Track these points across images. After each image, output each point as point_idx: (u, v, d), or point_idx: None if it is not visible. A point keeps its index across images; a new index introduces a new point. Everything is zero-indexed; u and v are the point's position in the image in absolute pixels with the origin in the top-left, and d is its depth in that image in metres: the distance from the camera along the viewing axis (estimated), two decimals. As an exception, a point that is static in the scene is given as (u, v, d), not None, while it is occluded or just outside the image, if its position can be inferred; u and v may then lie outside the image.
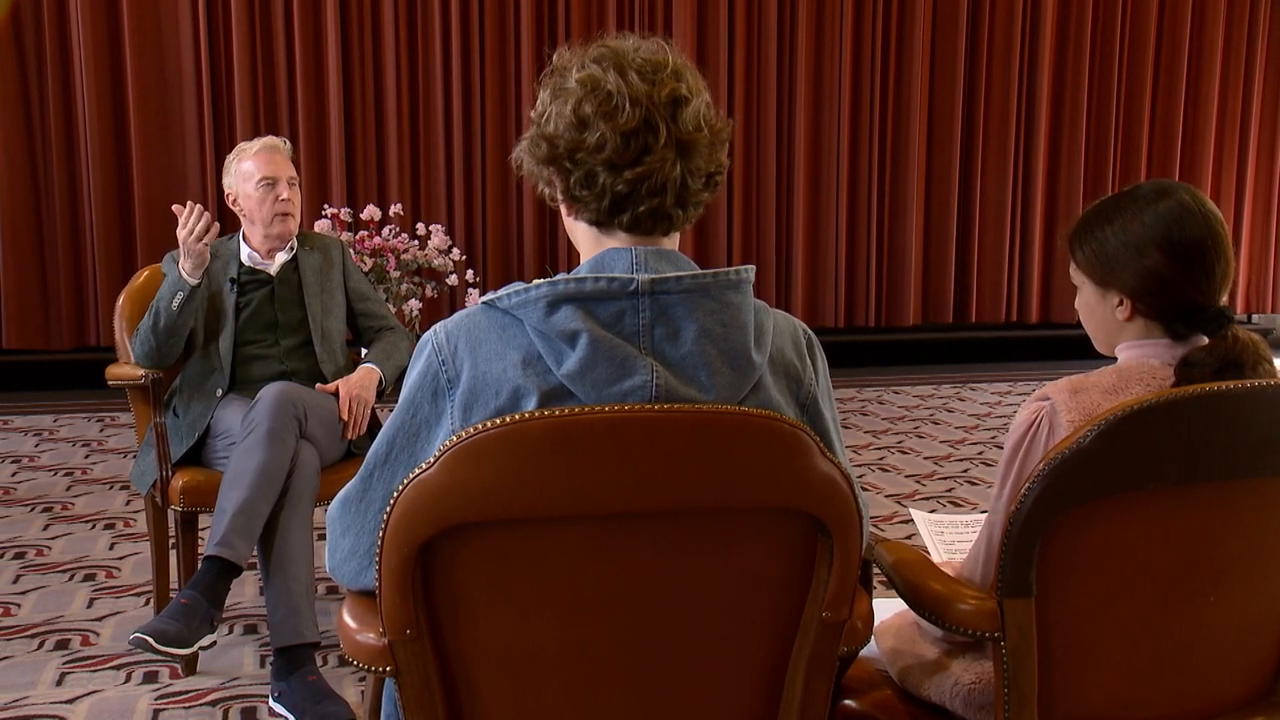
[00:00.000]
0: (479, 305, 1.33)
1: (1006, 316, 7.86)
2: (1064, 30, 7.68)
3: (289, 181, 3.07)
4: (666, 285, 1.29)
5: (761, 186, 7.35)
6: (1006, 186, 7.69)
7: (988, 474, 4.74)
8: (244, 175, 3.06)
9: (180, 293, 2.87)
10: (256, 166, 3.05)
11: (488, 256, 6.95)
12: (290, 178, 3.08)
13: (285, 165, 3.08)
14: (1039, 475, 1.40)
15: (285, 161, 3.09)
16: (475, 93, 6.83)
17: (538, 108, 1.37)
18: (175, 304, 2.87)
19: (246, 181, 3.06)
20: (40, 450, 5.06)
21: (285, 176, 3.06)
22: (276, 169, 3.05)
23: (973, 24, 7.54)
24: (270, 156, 3.06)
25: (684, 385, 1.28)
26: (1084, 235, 1.62)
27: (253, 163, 3.05)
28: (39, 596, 3.29)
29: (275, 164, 3.06)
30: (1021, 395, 6.51)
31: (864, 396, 6.45)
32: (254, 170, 3.05)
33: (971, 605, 1.47)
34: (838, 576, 1.29)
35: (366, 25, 6.65)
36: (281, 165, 3.07)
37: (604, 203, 1.32)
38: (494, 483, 1.20)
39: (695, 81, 1.35)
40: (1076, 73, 7.70)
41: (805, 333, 1.43)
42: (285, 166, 3.08)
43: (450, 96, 6.79)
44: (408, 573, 1.23)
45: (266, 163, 3.05)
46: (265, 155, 3.06)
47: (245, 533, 2.57)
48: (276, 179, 3.04)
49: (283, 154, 3.10)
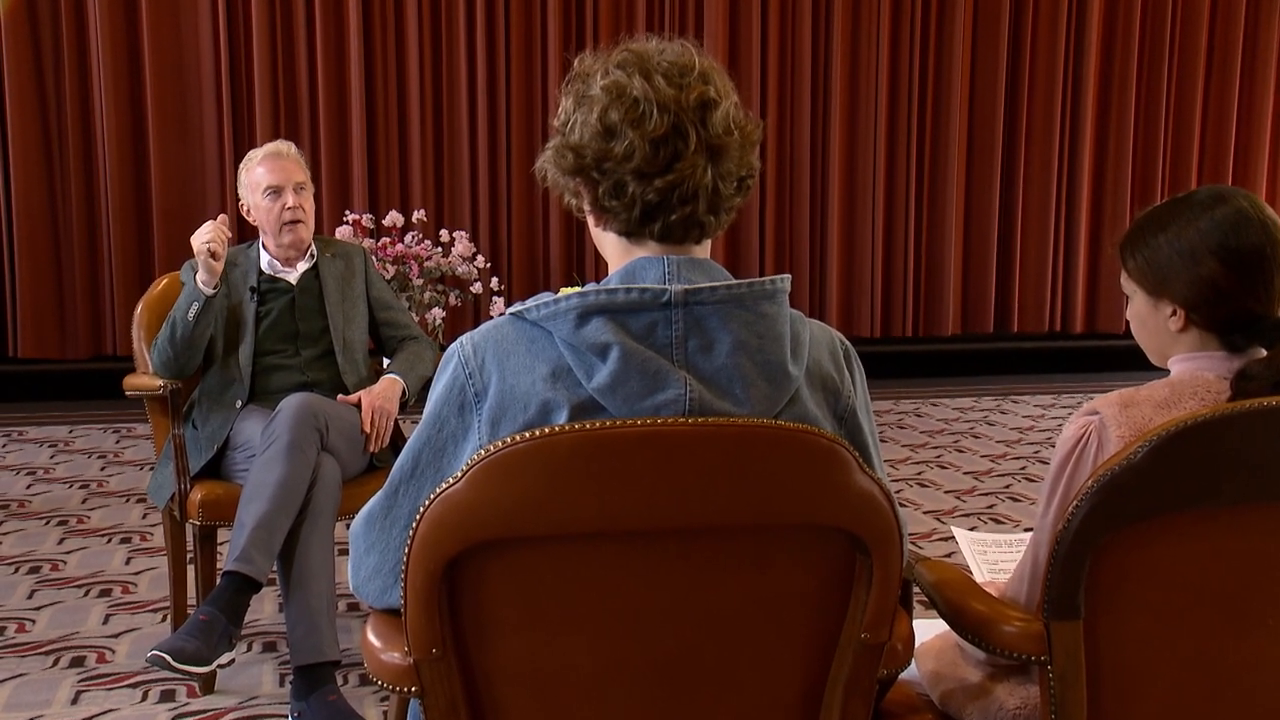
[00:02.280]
0: (506, 316, 1.33)
1: (1050, 326, 7.81)
2: (1111, 28, 7.63)
3: (295, 187, 3.06)
4: (700, 296, 1.29)
5: (795, 192, 7.34)
6: (1050, 190, 7.65)
7: (1030, 490, 4.71)
8: (253, 185, 3.08)
9: (195, 303, 2.90)
10: (263, 175, 3.06)
11: (513, 264, 6.97)
12: (298, 183, 3.07)
13: (292, 170, 3.07)
14: (1087, 493, 1.39)
15: (293, 166, 3.08)
16: (500, 95, 6.85)
17: (560, 116, 1.37)
18: (191, 314, 2.90)
19: (255, 191, 3.08)
20: (55, 462, 5.11)
21: (291, 183, 3.06)
22: (281, 176, 3.05)
23: (1015, 22, 7.51)
24: (275, 163, 3.07)
25: (718, 399, 1.28)
26: (1136, 242, 1.61)
27: (260, 171, 3.07)
28: (54, 612, 3.32)
29: (280, 170, 3.06)
30: (1066, 408, 6.47)
31: (901, 409, 6.42)
32: (261, 179, 3.06)
33: (1017, 627, 1.46)
34: (877, 596, 1.29)
35: (389, 28, 6.70)
36: (287, 171, 3.06)
37: (634, 212, 1.33)
38: (523, 498, 1.20)
39: (723, 83, 1.35)
40: (1124, 72, 7.65)
41: (842, 343, 1.43)
42: (292, 172, 3.07)
43: (475, 99, 6.82)
44: (434, 590, 1.23)
45: (271, 170, 3.06)
46: (270, 162, 3.07)
47: (265, 547, 2.59)
48: (281, 187, 3.05)
49: (287, 158, 3.09)
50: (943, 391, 6.94)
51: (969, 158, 7.58)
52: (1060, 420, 6.12)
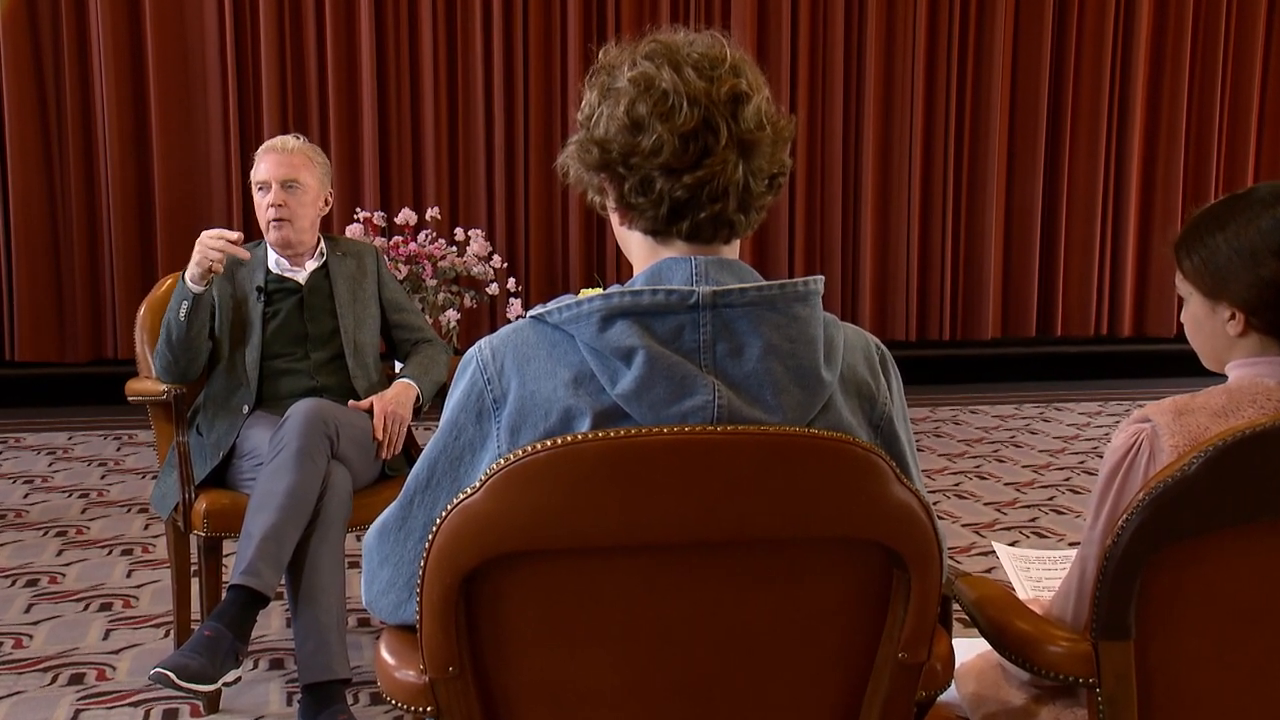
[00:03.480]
0: (526, 320, 1.34)
1: (1096, 329, 7.77)
2: (1163, 11, 7.59)
3: (285, 184, 3.06)
4: (729, 298, 1.29)
5: (826, 189, 7.33)
6: (1097, 187, 7.61)
7: (1075, 502, 4.69)
8: (252, 182, 3.12)
9: (185, 301, 2.91)
10: (256, 171, 3.10)
11: (530, 263, 6.99)
12: (288, 180, 3.06)
13: (287, 166, 3.07)
14: (1138, 506, 1.38)
15: (290, 161, 3.08)
16: (518, 87, 6.87)
17: (585, 109, 1.37)
18: (182, 313, 2.91)
19: (253, 188, 3.12)
20: (54, 470, 5.15)
21: (281, 179, 3.05)
22: (272, 172, 3.07)
23: (1060, 9, 7.48)
24: (270, 158, 3.09)
25: (748, 405, 1.28)
26: (1192, 242, 1.61)
27: (256, 168, 3.11)
28: (52, 627, 3.34)
29: (274, 166, 3.07)
30: (1113, 416, 6.44)
31: (938, 416, 6.40)
32: (254, 176, 3.11)
33: (1063, 647, 1.45)
34: (915, 614, 1.29)
35: (402, 16, 6.73)
36: (279, 167, 3.07)
37: (661, 210, 1.33)
38: (544, 509, 1.21)
39: (755, 76, 1.35)
40: (1176, 58, 7.60)
41: (878, 348, 1.43)
42: (286, 168, 3.07)
43: (491, 91, 6.84)
44: (450, 606, 1.24)
45: (266, 165, 3.08)
46: (267, 156, 3.10)
47: (273, 560, 2.60)
48: (268, 183, 3.07)
49: (284, 153, 3.08)
50: (982, 398, 6.91)
51: (1010, 151, 7.55)
52: (1107, 428, 6.10)
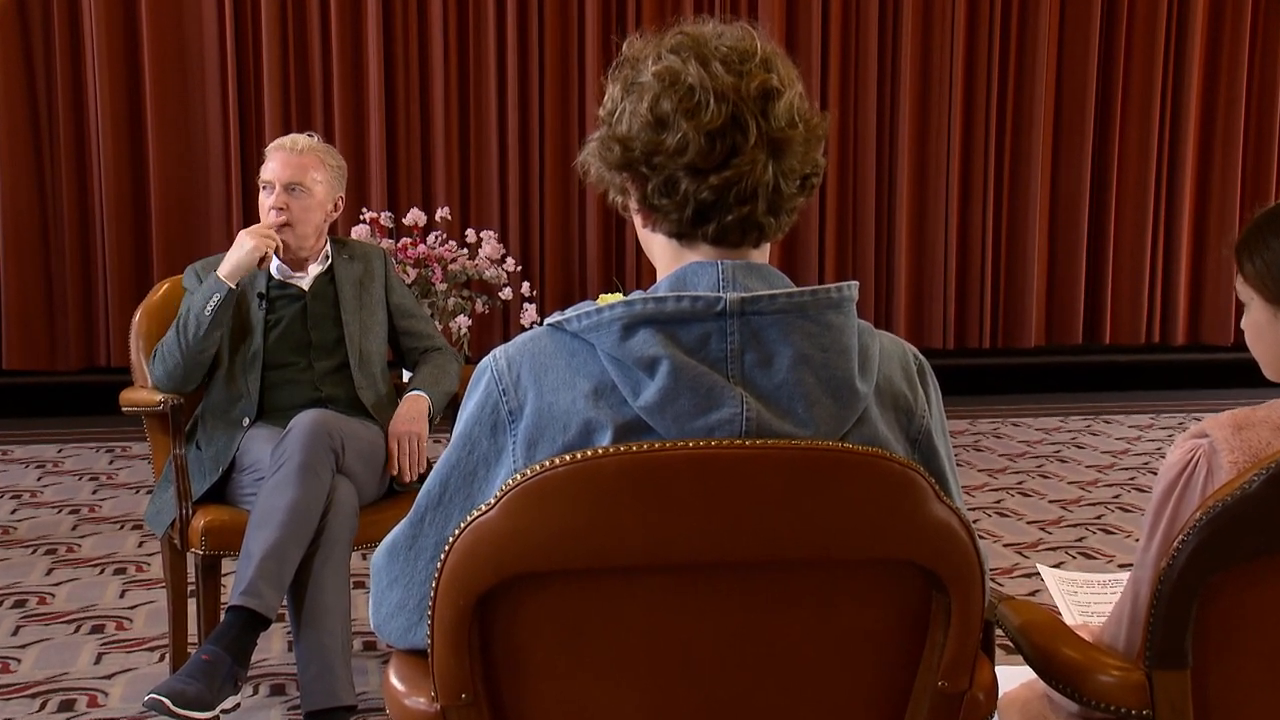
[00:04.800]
0: (544, 328, 1.35)
1: (1147, 337, 7.73)
2: (1219, 5, 7.56)
3: (289, 187, 3.08)
4: (758, 305, 1.29)
5: (859, 189, 7.32)
6: (1149, 185, 7.57)
7: (1126, 522, 4.67)
8: (261, 178, 3.15)
9: (216, 294, 2.93)
10: (264, 170, 3.13)
11: (546, 267, 7.00)
12: (292, 182, 3.08)
13: (294, 167, 3.09)
14: (1195, 526, 1.38)
15: (299, 162, 3.10)
16: (533, 80, 6.89)
17: (607, 105, 1.38)
18: (209, 308, 2.92)
19: (260, 183, 3.15)
20: (43, 485, 5.18)
21: (285, 180, 3.08)
22: (277, 172, 3.09)
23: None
24: (279, 157, 3.11)
25: (778, 419, 1.29)
26: (1254, 244, 1.60)
27: (265, 166, 3.13)
28: (41, 650, 3.36)
29: (281, 166, 3.10)
30: (1165, 430, 6.41)
31: (978, 429, 6.38)
32: (262, 174, 3.13)
33: (1114, 677, 1.45)
34: (956, 640, 1.29)
35: (411, 4, 6.75)
36: (285, 167, 3.09)
37: (686, 212, 1.34)
38: (562, 528, 1.21)
39: (787, 71, 1.36)
40: (1234, 50, 7.56)
41: (916, 358, 1.43)
42: (293, 169, 3.09)
43: (505, 85, 6.86)
44: (464, 629, 1.24)
45: (274, 164, 3.11)
46: (276, 155, 3.13)
47: (274, 580, 2.61)
48: (272, 183, 3.10)
49: (293, 152, 3.11)
50: (1025, 410, 6.89)
51: (1055, 147, 7.52)
52: (1159, 443, 6.07)
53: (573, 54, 6.93)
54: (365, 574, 1.53)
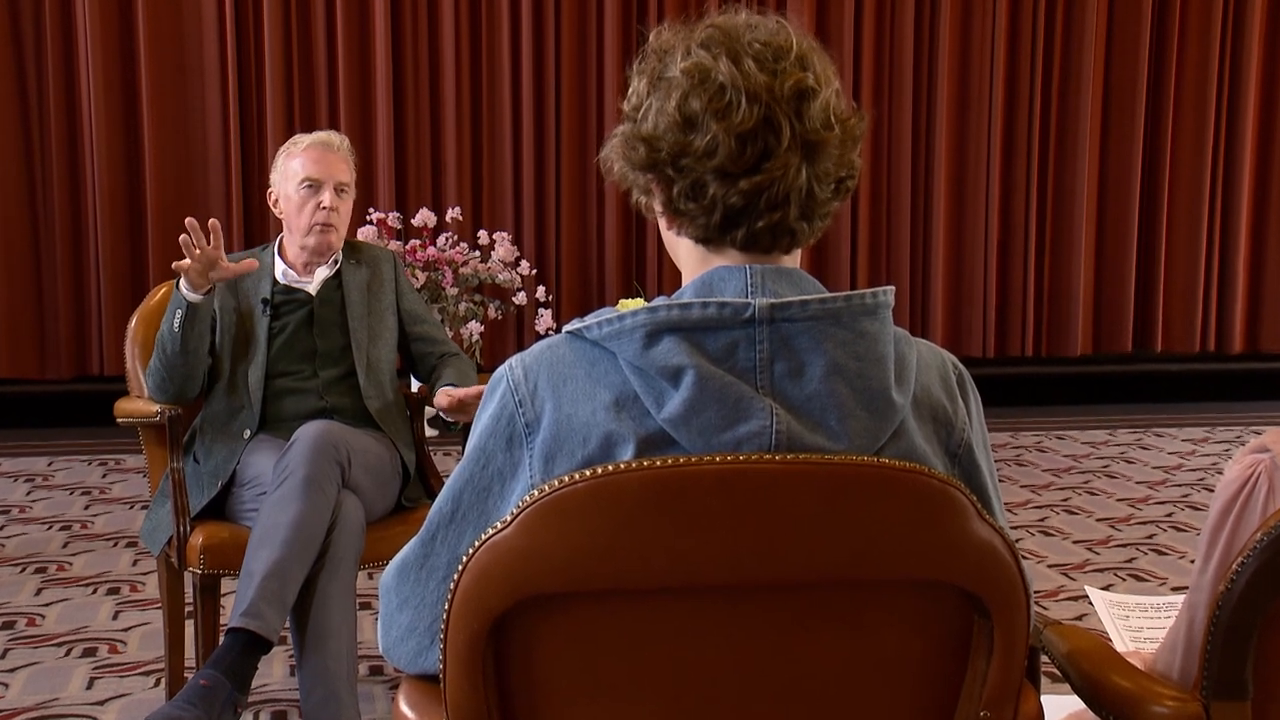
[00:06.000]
0: (563, 335, 1.35)
1: (1202, 345, 7.70)
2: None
3: (338, 189, 3.15)
4: (789, 311, 1.30)
5: (894, 189, 7.32)
6: (1203, 186, 7.55)
7: (1179, 541, 4.65)
8: (289, 174, 3.16)
9: (179, 310, 2.94)
10: (302, 165, 3.14)
11: (562, 270, 7.01)
12: (340, 184, 3.16)
13: (337, 168, 3.16)
14: (1256, 548, 1.38)
15: (339, 163, 3.17)
16: (549, 72, 6.90)
17: (632, 100, 1.38)
18: (175, 324, 2.94)
19: (289, 181, 3.15)
20: (32, 499, 5.20)
21: (334, 181, 3.14)
22: (324, 170, 3.13)
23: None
24: (321, 155, 3.15)
25: (810, 432, 1.29)
26: None
27: (300, 160, 3.15)
28: (30, 675, 3.37)
29: (325, 164, 3.14)
30: (1222, 444, 6.38)
31: (1020, 443, 6.36)
32: (299, 169, 3.14)
33: (1169, 707, 1.44)
34: (999, 667, 1.29)
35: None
36: (332, 167, 3.15)
37: (714, 217, 1.34)
38: (582, 546, 1.21)
39: (823, 68, 1.35)
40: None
41: (955, 367, 1.43)
42: (337, 169, 3.16)
43: (519, 76, 6.88)
44: (478, 653, 1.25)
45: (314, 162, 3.14)
46: (315, 153, 3.15)
47: (276, 600, 2.62)
48: (321, 183, 3.13)
49: (337, 154, 3.18)
50: (1071, 422, 6.87)
51: (1103, 141, 7.50)
52: (1215, 458, 6.04)
53: (591, 43, 6.93)
54: (372, 594, 1.54)
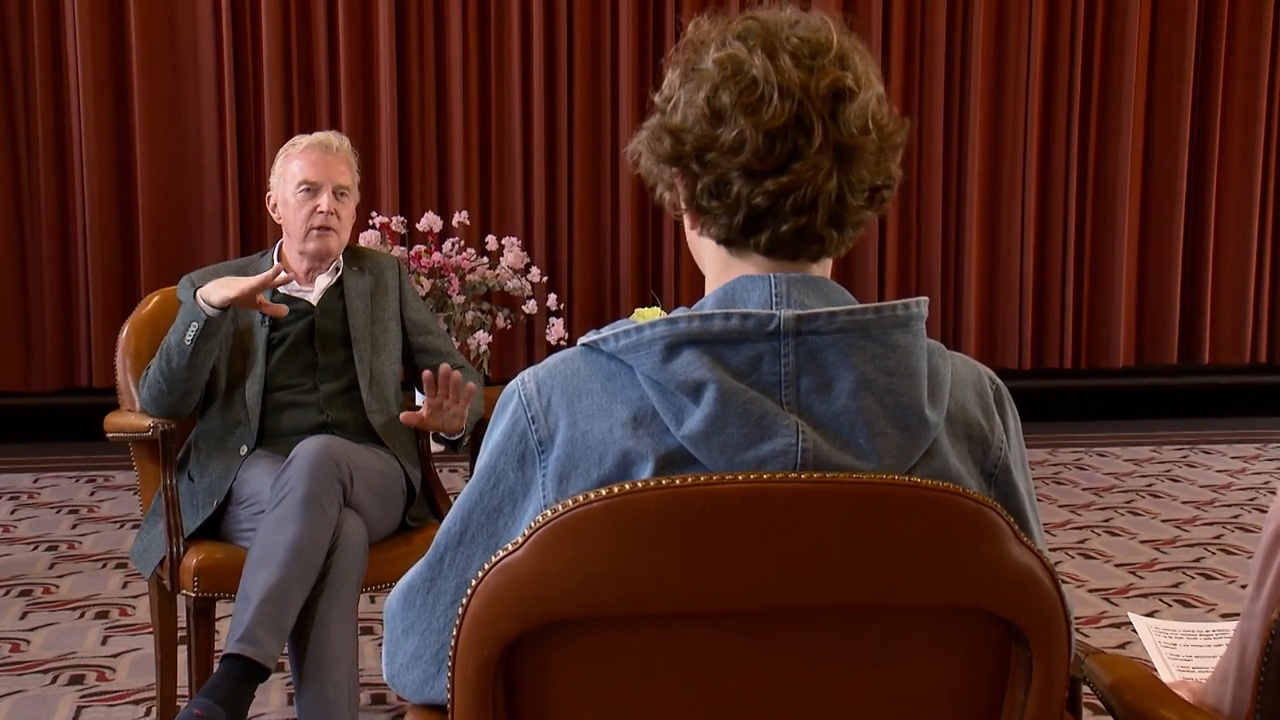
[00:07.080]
0: (577, 348, 1.36)
1: (1252, 356, 7.68)
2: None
3: (337, 191, 3.16)
4: (816, 324, 1.30)
5: (925, 194, 7.31)
6: (1253, 188, 7.53)
7: (1230, 565, 4.63)
8: (287, 177, 3.17)
9: (195, 323, 2.96)
10: (300, 167, 3.16)
11: (574, 278, 7.01)
12: (339, 187, 3.17)
13: (336, 170, 3.18)
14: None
15: (338, 165, 3.19)
16: (561, 71, 6.91)
17: (664, 91, 1.39)
18: (189, 337, 2.95)
19: (287, 185, 3.17)
20: (16, 518, 5.21)
21: (332, 184, 3.15)
22: (323, 173, 3.15)
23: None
24: (319, 157, 3.17)
25: (838, 450, 1.29)
26: None
27: (298, 162, 3.17)
28: (14, 704, 3.37)
29: (323, 166, 3.16)
30: (1274, 461, 6.35)
31: (1059, 460, 6.35)
32: (297, 172, 3.16)
33: (1217, 742, 1.44)
34: (1038, 698, 1.29)
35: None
36: (331, 169, 3.17)
37: (737, 217, 1.34)
38: (597, 570, 1.22)
39: (866, 70, 1.35)
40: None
41: (993, 381, 1.43)
42: (335, 171, 3.17)
43: (529, 75, 6.89)
44: (487, 681, 1.25)
45: (313, 164, 3.16)
46: (313, 155, 3.17)
47: (274, 625, 2.63)
48: (320, 186, 3.14)
49: (337, 155, 3.20)
50: (1113, 438, 6.85)
51: (1147, 144, 7.49)
52: (1267, 475, 6.02)
53: (605, 41, 6.94)
54: (375, 619, 1.55)
